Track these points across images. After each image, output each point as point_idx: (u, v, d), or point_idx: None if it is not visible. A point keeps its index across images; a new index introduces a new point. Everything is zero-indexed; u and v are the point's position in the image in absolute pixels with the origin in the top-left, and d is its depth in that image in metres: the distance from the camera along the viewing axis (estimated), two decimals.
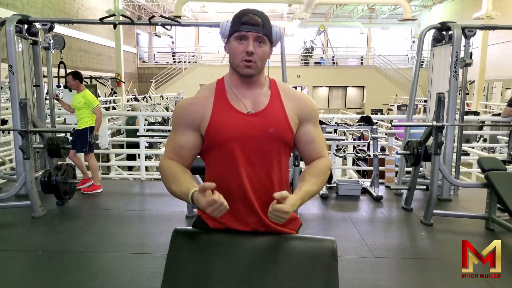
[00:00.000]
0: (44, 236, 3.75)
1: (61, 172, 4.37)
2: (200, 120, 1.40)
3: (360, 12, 21.71)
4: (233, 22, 1.38)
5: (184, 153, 1.43)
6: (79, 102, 4.94)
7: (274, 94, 1.45)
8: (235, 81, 1.43)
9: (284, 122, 1.42)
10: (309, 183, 1.40)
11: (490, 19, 12.51)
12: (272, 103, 1.43)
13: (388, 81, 20.93)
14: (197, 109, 1.41)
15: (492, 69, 14.29)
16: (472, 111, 11.36)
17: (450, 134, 4.75)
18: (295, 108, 1.45)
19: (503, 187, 3.68)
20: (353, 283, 2.86)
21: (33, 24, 4.91)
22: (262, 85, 1.45)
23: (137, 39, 22.50)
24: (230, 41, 1.39)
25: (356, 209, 4.65)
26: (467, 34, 4.73)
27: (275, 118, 1.41)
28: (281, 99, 1.45)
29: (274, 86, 1.47)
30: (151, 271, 2.96)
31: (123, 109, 12.26)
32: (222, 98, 1.42)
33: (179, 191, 1.34)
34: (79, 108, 4.95)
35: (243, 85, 1.43)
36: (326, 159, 1.49)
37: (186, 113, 1.42)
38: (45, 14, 11.89)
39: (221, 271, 1.34)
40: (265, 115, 1.41)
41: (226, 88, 1.44)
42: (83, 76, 5.14)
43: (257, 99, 1.43)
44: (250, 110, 1.41)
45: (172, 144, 1.45)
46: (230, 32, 1.38)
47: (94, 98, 5.09)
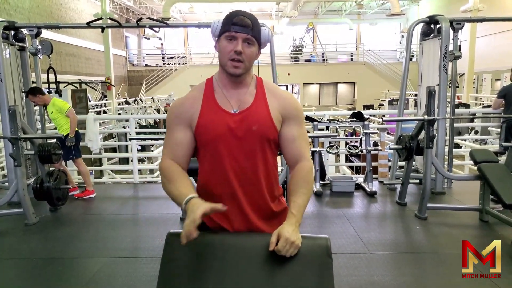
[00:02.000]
0: (37, 243, 3.72)
1: (53, 178, 4.34)
2: (190, 119, 1.46)
3: (348, 9, 21.78)
4: (224, 22, 1.42)
5: (181, 151, 1.47)
6: (51, 112, 4.84)
7: (259, 93, 1.49)
8: (223, 80, 1.48)
9: (267, 120, 1.45)
10: (299, 195, 1.44)
11: (478, 12, 12.61)
12: (257, 102, 1.47)
13: (379, 76, 21.02)
14: (187, 109, 1.48)
15: (481, 62, 14.42)
16: (462, 103, 11.43)
17: (442, 127, 4.78)
18: (278, 107, 1.48)
19: (495, 178, 3.71)
20: (349, 279, 2.86)
21: (20, 30, 4.87)
22: (248, 84, 1.49)
23: (126, 42, 22.36)
24: (220, 40, 1.43)
25: (351, 205, 4.66)
26: (455, 27, 4.76)
27: (259, 116, 1.45)
28: (265, 97, 1.48)
29: (260, 85, 1.51)
30: (146, 274, 2.94)
31: (114, 112, 12.19)
32: (210, 98, 1.48)
33: (177, 192, 1.38)
34: (55, 118, 4.86)
35: (230, 85, 1.48)
36: (306, 162, 1.50)
37: (178, 112, 1.49)
38: (32, 19, 11.78)
39: (216, 273, 1.33)
40: (249, 113, 1.45)
41: (214, 88, 1.49)
42: (40, 88, 4.93)
43: (242, 99, 1.47)
44: (236, 109, 1.45)
45: (169, 144, 1.49)
46: (221, 31, 1.42)
47: (64, 102, 5.00)
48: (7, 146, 4.45)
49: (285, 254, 1.30)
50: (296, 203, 1.42)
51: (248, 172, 1.45)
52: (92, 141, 5.90)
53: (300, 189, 1.45)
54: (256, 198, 1.47)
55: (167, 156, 1.49)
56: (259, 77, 1.53)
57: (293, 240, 1.30)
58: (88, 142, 5.86)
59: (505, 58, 14.55)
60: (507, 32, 14.39)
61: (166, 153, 1.50)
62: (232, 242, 1.42)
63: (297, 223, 1.37)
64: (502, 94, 5.54)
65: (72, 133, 4.85)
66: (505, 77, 12.57)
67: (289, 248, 1.30)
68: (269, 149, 1.48)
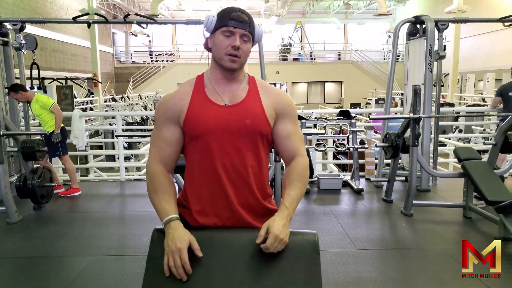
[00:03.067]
0: (20, 242, 3.65)
1: (37, 176, 4.26)
2: (178, 114, 1.43)
3: (336, 8, 21.90)
4: (220, 17, 1.41)
5: (170, 150, 1.45)
6: (35, 108, 4.73)
7: (252, 89, 1.48)
8: (216, 76, 1.46)
9: (260, 114, 1.44)
10: (292, 189, 1.43)
11: (462, 13, 12.80)
12: (250, 97, 1.46)
13: (366, 75, 21.20)
14: (176, 102, 1.44)
15: (465, 62, 14.65)
16: (447, 103, 11.61)
17: (427, 126, 4.84)
18: (272, 103, 1.47)
19: (478, 175, 3.77)
20: (336, 275, 2.88)
21: (3, 24, 4.78)
22: (241, 81, 1.48)
23: (113, 38, 22.14)
24: (216, 35, 1.42)
25: (338, 203, 4.69)
26: (440, 27, 4.83)
27: (252, 110, 1.43)
28: (258, 93, 1.47)
29: (253, 82, 1.50)
30: (133, 272, 2.91)
31: (101, 109, 12.06)
32: (200, 92, 1.45)
33: (159, 206, 1.39)
34: (39, 114, 4.75)
35: (223, 80, 1.46)
36: (302, 158, 1.50)
37: (166, 107, 1.45)
38: (15, 14, 11.56)
39: (203, 269, 1.32)
40: (242, 107, 1.43)
41: (205, 83, 1.47)
42: (22, 84, 4.86)
43: (235, 93, 1.45)
44: (227, 102, 1.43)
45: (157, 143, 1.47)
46: (217, 26, 1.41)
47: (48, 98, 4.91)
48: None
49: (272, 251, 1.30)
50: (290, 196, 1.41)
51: (239, 168, 1.42)
52: (78, 138, 5.81)
53: (294, 183, 1.44)
54: (246, 195, 1.44)
55: (154, 157, 1.45)
56: (251, 75, 1.52)
57: (282, 237, 1.30)
58: (74, 139, 5.78)
59: (488, 59, 14.83)
60: (490, 34, 14.64)
61: (153, 153, 1.46)
62: (219, 237, 1.41)
63: (288, 217, 1.36)
64: (499, 92, 5.63)
65: (58, 129, 4.75)
66: (487, 77, 12.80)
67: (277, 245, 1.30)
68: (262, 145, 1.46)
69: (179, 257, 1.26)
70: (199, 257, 1.31)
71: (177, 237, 1.29)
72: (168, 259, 1.28)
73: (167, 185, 1.43)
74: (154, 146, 1.47)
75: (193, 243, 1.30)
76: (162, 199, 1.40)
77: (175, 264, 1.27)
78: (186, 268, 1.27)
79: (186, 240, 1.29)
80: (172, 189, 1.44)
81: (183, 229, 1.33)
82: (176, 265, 1.27)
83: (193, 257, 1.31)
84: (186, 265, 1.27)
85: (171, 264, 1.27)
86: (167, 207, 1.37)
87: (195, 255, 1.31)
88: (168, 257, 1.28)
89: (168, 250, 1.28)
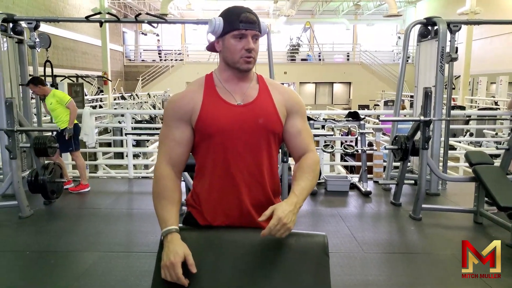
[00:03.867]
0: (31, 236, 3.70)
1: (48, 172, 4.31)
2: (190, 113, 1.41)
3: (345, 9, 21.80)
4: (229, 20, 1.38)
5: (180, 150, 1.42)
6: (51, 103, 4.80)
7: (263, 87, 1.47)
8: (227, 76, 1.45)
9: (273, 113, 1.44)
10: (303, 180, 1.41)
11: (474, 15, 12.66)
12: (261, 95, 1.45)
13: (375, 77, 21.08)
14: (187, 102, 1.42)
15: (477, 64, 14.50)
16: (458, 105, 11.51)
17: (437, 129, 4.80)
18: (283, 100, 1.47)
19: (490, 180, 3.70)
20: (343, 278, 2.87)
21: (18, 23, 4.85)
22: (250, 79, 1.48)
23: (123, 37, 22.26)
24: (226, 39, 1.39)
25: (345, 205, 4.68)
26: (453, 29, 4.79)
27: (264, 109, 1.43)
28: (269, 91, 1.47)
29: (262, 80, 1.50)
30: (140, 269, 2.93)
31: (110, 107, 12.14)
32: (212, 91, 1.43)
33: (160, 214, 1.36)
34: (54, 109, 4.82)
35: (233, 80, 1.45)
36: (313, 154, 1.50)
37: (177, 106, 1.43)
38: (30, 12, 11.69)
39: (212, 268, 1.32)
40: (254, 106, 1.42)
41: (215, 82, 1.45)
42: (42, 79, 4.92)
43: (246, 92, 1.44)
44: (240, 102, 1.42)
45: (166, 142, 1.43)
46: (227, 30, 1.38)
47: (64, 94, 5.02)
48: (2, 139, 4.41)
49: (274, 234, 1.27)
50: (300, 185, 1.39)
51: (252, 168, 1.41)
52: (88, 135, 5.87)
53: (305, 175, 1.43)
54: (258, 194, 1.44)
55: (164, 158, 1.42)
56: (259, 74, 1.52)
57: (286, 222, 1.26)
58: (84, 136, 5.84)
59: (500, 61, 14.66)
60: (503, 36, 14.49)
61: (163, 154, 1.43)
62: (229, 237, 1.41)
63: (297, 205, 1.33)
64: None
65: (71, 125, 4.83)
66: (500, 80, 12.66)
67: (279, 228, 1.26)
68: (274, 144, 1.46)
69: (174, 272, 1.24)
70: (207, 258, 1.31)
71: (171, 250, 1.27)
72: (163, 272, 1.27)
73: (171, 190, 1.40)
74: (163, 146, 1.44)
75: (188, 257, 1.27)
76: (164, 207, 1.37)
77: (171, 278, 1.25)
78: (180, 282, 1.24)
79: (180, 254, 1.26)
80: (176, 195, 1.40)
81: (180, 242, 1.30)
82: (171, 279, 1.25)
83: (200, 257, 1.31)
84: (180, 280, 1.24)
85: (167, 278, 1.26)
86: (167, 217, 1.35)
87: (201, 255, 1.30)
88: (163, 271, 1.27)
89: (163, 264, 1.27)
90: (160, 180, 1.40)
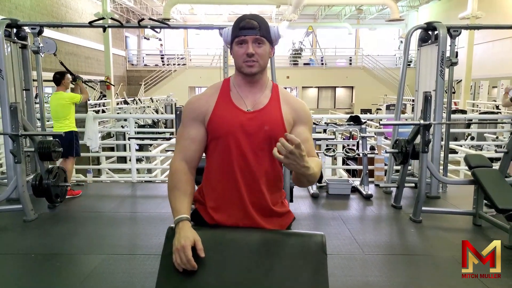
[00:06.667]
0: (36, 239, 3.75)
1: (52, 176, 4.36)
2: (204, 114, 1.52)
3: (348, 13, 21.87)
4: (233, 29, 1.50)
5: (194, 148, 1.53)
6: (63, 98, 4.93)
7: (274, 96, 1.55)
8: (239, 81, 1.55)
9: (279, 122, 1.51)
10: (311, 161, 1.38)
11: (476, 19, 12.70)
12: (271, 104, 1.53)
13: (377, 81, 21.11)
14: (202, 104, 1.54)
15: (478, 68, 14.52)
16: (459, 109, 11.53)
17: (437, 132, 4.83)
18: (291, 111, 1.54)
19: (489, 183, 3.75)
20: (344, 279, 2.91)
21: (22, 28, 4.90)
22: (264, 86, 1.55)
23: (125, 42, 22.38)
24: (233, 46, 1.51)
25: (346, 208, 4.71)
26: (453, 34, 4.83)
27: (271, 117, 1.51)
28: (279, 101, 1.54)
29: (276, 90, 1.57)
30: (144, 271, 2.97)
31: (113, 112, 12.21)
32: (226, 96, 1.54)
33: (173, 204, 1.46)
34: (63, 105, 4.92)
35: (246, 86, 1.54)
36: (316, 158, 1.55)
37: (193, 107, 1.55)
38: (32, 17, 11.79)
39: (215, 266, 1.37)
40: (263, 114, 1.51)
41: (230, 87, 1.56)
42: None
43: (257, 99, 1.53)
44: (250, 108, 1.52)
45: (182, 139, 1.55)
46: (232, 38, 1.50)
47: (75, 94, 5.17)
48: (7, 143, 4.47)
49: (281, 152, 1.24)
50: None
51: (254, 171, 1.48)
52: (91, 139, 5.92)
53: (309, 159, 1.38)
54: (258, 197, 1.50)
55: (179, 155, 1.53)
56: (275, 83, 1.59)
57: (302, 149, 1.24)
58: (88, 140, 5.89)
59: (502, 65, 14.68)
60: (504, 40, 14.52)
61: (178, 149, 1.55)
62: (231, 236, 1.47)
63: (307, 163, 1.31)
64: None
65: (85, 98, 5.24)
66: (502, 84, 12.67)
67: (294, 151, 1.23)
68: None
69: (184, 254, 1.32)
70: (211, 256, 1.36)
71: (182, 235, 1.36)
72: (175, 256, 1.35)
73: (184, 183, 1.50)
74: (179, 143, 1.56)
75: (197, 243, 1.36)
76: (177, 197, 1.47)
77: (181, 261, 1.33)
78: (190, 264, 1.32)
79: (191, 239, 1.35)
80: (189, 187, 1.50)
81: (190, 229, 1.39)
82: (181, 262, 1.33)
83: (206, 255, 1.36)
84: (190, 262, 1.32)
85: (178, 261, 1.33)
86: (180, 207, 1.44)
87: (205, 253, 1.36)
88: (175, 255, 1.35)
89: (174, 248, 1.35)
90: (175, 174, 1.51)
